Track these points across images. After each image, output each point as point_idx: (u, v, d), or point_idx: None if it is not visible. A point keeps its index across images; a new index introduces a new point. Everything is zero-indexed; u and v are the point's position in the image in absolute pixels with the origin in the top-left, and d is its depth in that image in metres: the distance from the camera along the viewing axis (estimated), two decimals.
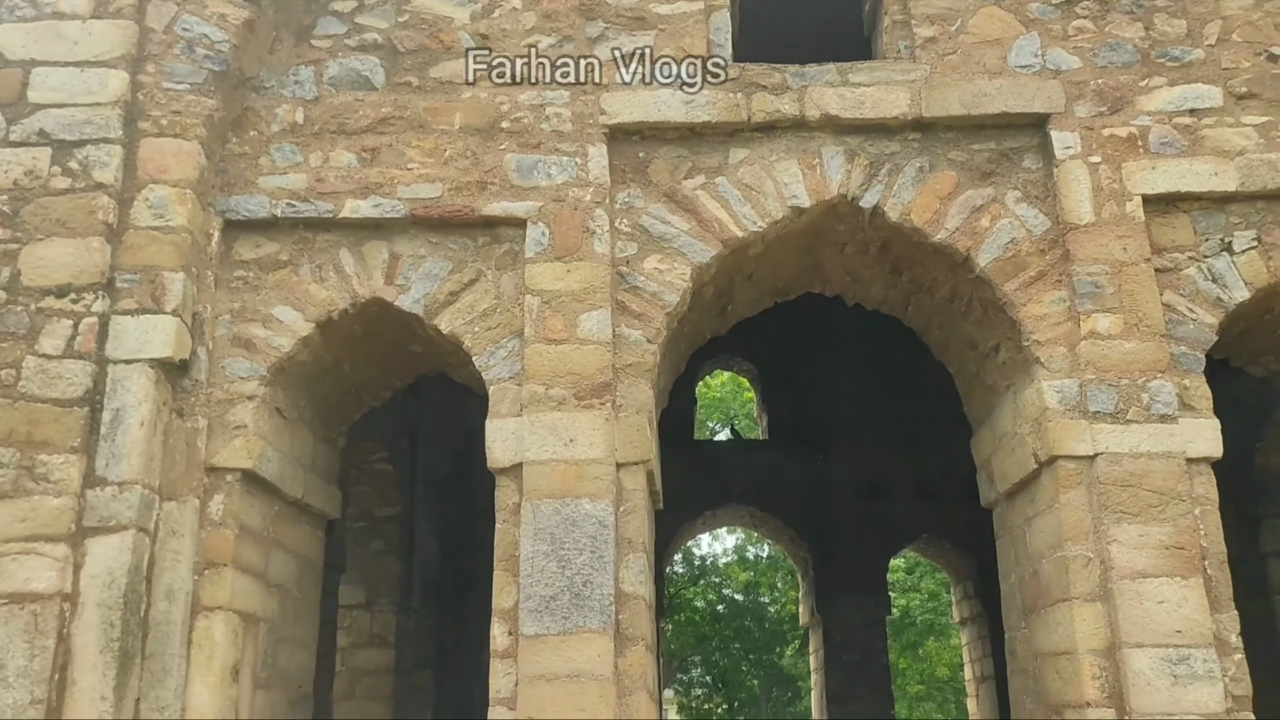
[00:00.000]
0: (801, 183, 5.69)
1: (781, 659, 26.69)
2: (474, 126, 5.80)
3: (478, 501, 8.85)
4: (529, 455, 5.25)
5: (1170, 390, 5.11)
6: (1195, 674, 4.70)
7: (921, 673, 26.04)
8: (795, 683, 26.37)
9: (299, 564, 6.19)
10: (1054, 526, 5.19)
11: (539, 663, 4.94)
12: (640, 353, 5.50)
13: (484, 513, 5.40)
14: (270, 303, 5.67)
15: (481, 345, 5.56)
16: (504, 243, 5.70)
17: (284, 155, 5.82)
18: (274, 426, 5.70)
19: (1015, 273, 5.46)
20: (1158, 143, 5.50)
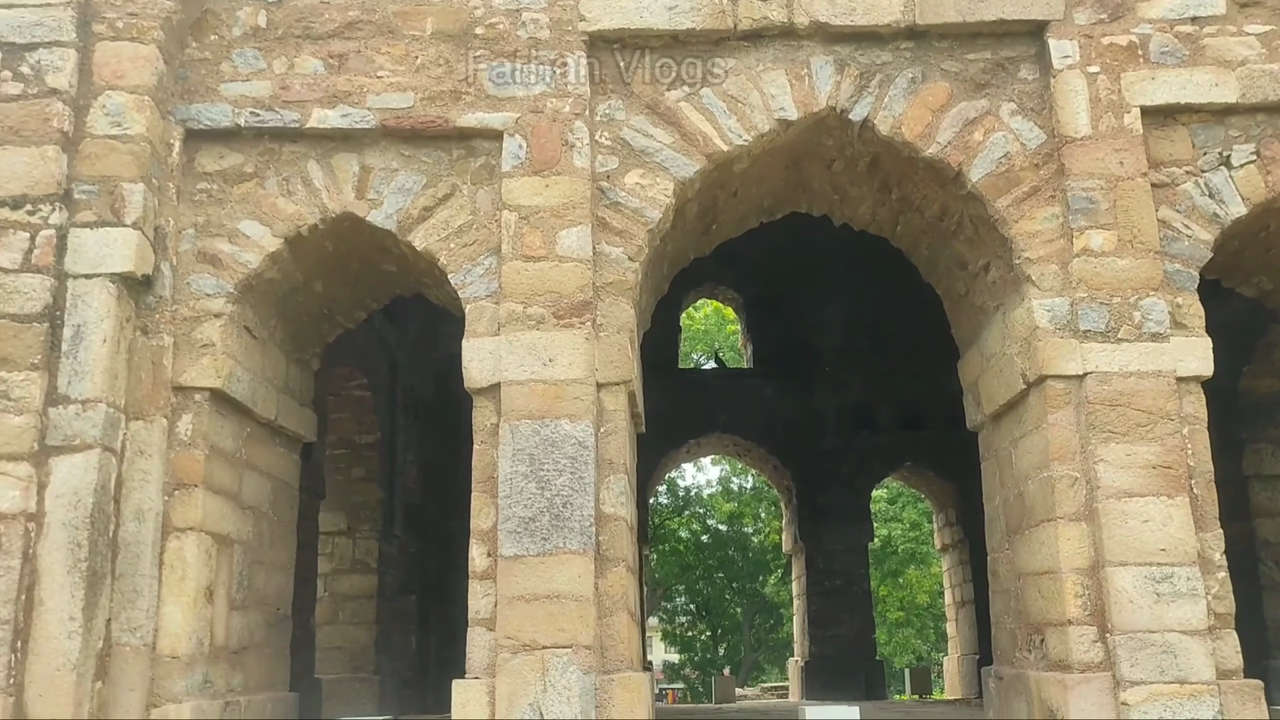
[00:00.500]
0: (789, 94, 5.47)
1: (764, 587, 27.09)
2: (446, 32, 5.54)
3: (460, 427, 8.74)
4: (507, 375, 5.11)
5: (1163, 308, 4.99)
6: (1178, 591, 4.68)
7: (902, 600, 26.51)
8: (778, 610, 26.81)
9: (274, 486, 6.07)
10: (1041, 447, 5.12)
11: (518, 583, 4.87)
12: (621, 271, 5.33)
13: (466, 439, 5.28)
14: (236, 217, 5.46)
15: (457, 263, 5.38)
16: (480, 156, 5.49)
17: (246, 61, 5.55)
18: (243, 346, 5.53)
19: (1008, 188, 5.30)
20: (1158, 52, 5.30)
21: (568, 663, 4.75)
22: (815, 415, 12.99)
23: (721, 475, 27.62)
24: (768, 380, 13.28)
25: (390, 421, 9.67)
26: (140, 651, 4.91)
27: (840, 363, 12.88)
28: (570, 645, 4.78)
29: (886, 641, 25.72)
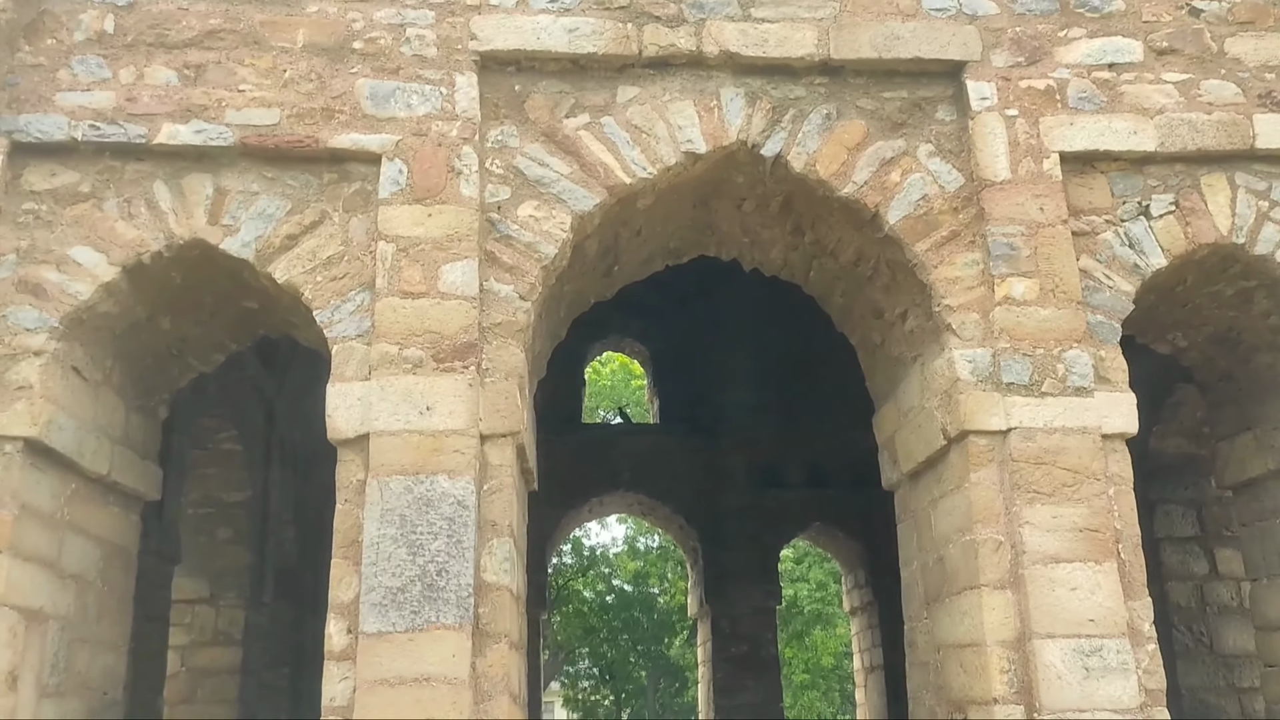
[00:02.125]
0: (698, 126, 5.10)
1: (670, 650, 26.41)
2: (320, 45, 5.02)
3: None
4: (377, 425, 4.53)
5: (1087, 361, 4.72)
6: (1108, 666, 4.32)
7: (807, 661, 26.12)
8: (683, 673, 26.14)
9: (104, 552, 5.28)
10: (963, 508, 4.75)
11: (382, 665, 4.24)
12: (511, 310, 4.82)
13: None
14: (67, 242, 4.78)
15: (325, 298, 4.80)
16: (354, 181, 4.94)
17: (88, 69, 4.93)
18: (69, 389, 4.80)
19: (927, 232, 4.99)
20: (1076, 97, 5.11)
21: None
22: (722, 472, 12.58)
23: (627, 534, 27.00)
24: (674, 437, 12.84)
25: (264, 477, 8.85)
26: None
27: (748, 419, 12.53)
28: None
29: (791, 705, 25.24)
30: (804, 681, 26.23)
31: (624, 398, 23.48)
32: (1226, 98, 5.14)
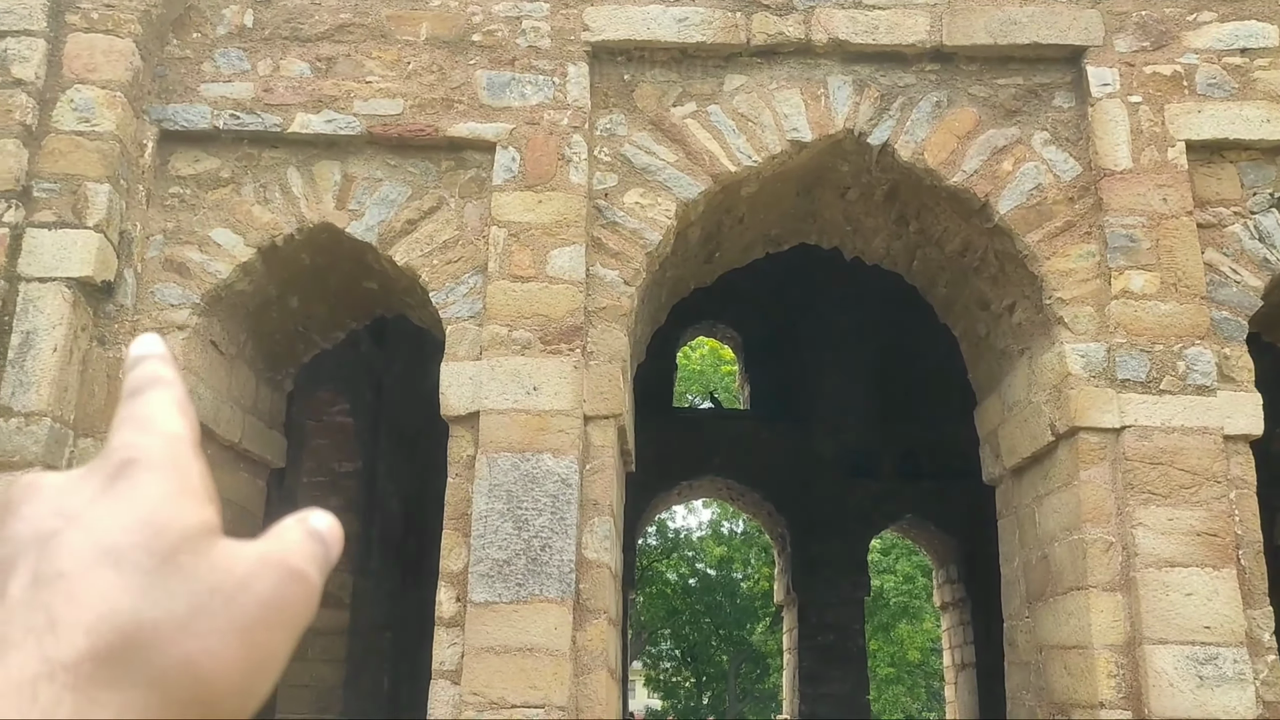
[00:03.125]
0: (804, 114, 5.10)
1: (752, 635, 26.40)
2: (442, 38, 5.19)
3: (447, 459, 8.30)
4: (487, 403, 4.69)
5: (1209, 359, 4.58)
6: (1224, 675, 4.21)
7: (892, 655, 25.82)
8: (765, 660, 26.12)
9: (235, 514, 5.61)
10: (1070, 506, 4.67)
11: (488, 633, 4.41)
12: (616, 295, 4.93)
13: None
14: (208, 224, 5.06)
15: (440, 280, 4.98)
16: (470, 168, 5.11)
17: (229, 61, 5.19)
18: (208, 362, 5.10)
19: (1039, 223, 4.91)
20: (1205, 84, 4.94)
21: None
22: (813, 461, 12.53)
23: (712, 518, 27.06)
24: (764, 423, 12.84)
25: (373, 450, 9.20)
26: None
27: (841, 407, 12.44)
28: (542, 705, 4.30)
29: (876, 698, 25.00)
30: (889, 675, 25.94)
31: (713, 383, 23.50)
32: None
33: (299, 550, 0.38)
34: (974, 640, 12.30)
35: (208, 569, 0.35)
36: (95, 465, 0.38)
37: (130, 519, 0.35)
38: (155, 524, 0.35)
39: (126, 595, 0.34)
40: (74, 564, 0.34)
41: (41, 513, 0.36)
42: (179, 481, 0.37)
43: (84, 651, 0.32)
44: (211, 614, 0.34)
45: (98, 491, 0.36)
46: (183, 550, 0.35)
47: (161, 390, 0.41)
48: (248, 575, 0.36)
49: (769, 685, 26.23)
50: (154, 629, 0.33)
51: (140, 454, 0.37)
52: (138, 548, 0.35)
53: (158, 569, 0.34)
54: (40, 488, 0.38)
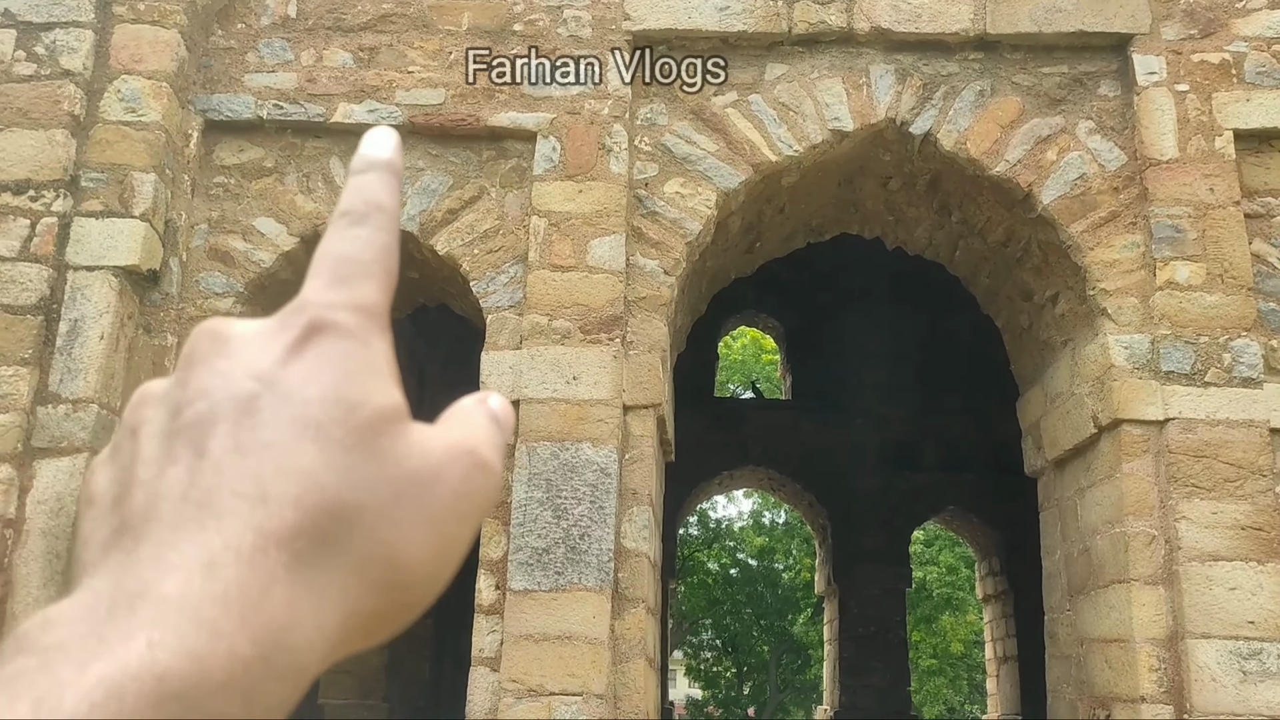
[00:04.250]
0: (845, 104, 5.07)
1: (793, 626, 26.36)
2: (483, 28, 5.23)
3: None
4: (526, 392, 4.73)
5: (1256, 351, 4.49)
6: (1268, 670, 4.14)
7: (935, 647, 25.62)
8: (806, 650, 26.06)
9: None
10: (1113, 499, 4.61)
11: (527, 621, 4.46)
12: (656, 285, 4.94)
13: None
14: (252, 213, 5.16)
15: (481, 269, 5.03)
16: (510, 158, 5.15)
17: (273, 52, 5.27)
18: None
19: (1083, 213, 4.84)
20: (1254, 72, 4.83)
21: (577, 712, 4.32)
22: (855, 452, 12.45)
23: (753, 508, 27.02)
24: (806, 414, 12.78)
25: None
26: None
27: (883, 398, 12.35)
28: (580, 693, 4.35)
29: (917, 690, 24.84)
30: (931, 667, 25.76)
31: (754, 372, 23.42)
32: None
33: (485, 439, 0.37)
34: (1016, 633, 12.18)
35: (404, 454, 0.34)
36: (284, 319, 0.36)
37: (325, 392, 0.34)
38: (349, 400, 0.34)
39: (330, 473, 0.33)
40: (278, 434, 0.33)
41: (235, 372, 0.34)
42: (367, 358, 0.35)
43: (294, 527, 0.31)
44: (408, 502, 0.34)
45: (287, 354, 0.35)
46: (379, 432, 0.34)
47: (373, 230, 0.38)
48: (440, 464, 0.35)
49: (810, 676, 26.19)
50: (357, 511, 0.33)
51: (331, 321, 0.35)
52: (336, 423, 0.33)
53: (356, 448, 0.33)
54: (228, 340, 0.36)
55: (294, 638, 0.30)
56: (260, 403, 0.33)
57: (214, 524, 0.31)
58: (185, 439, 0.33)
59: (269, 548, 0.31)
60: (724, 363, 21.36)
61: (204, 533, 0.31)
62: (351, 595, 0.32)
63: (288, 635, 0.30)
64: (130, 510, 0.32)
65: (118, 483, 0.34)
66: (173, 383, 0.36)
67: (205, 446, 0.33)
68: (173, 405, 0.35)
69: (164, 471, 0.33)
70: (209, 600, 0.29)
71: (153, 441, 0.34)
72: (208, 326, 0.37)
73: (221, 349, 0.36)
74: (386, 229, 0.39)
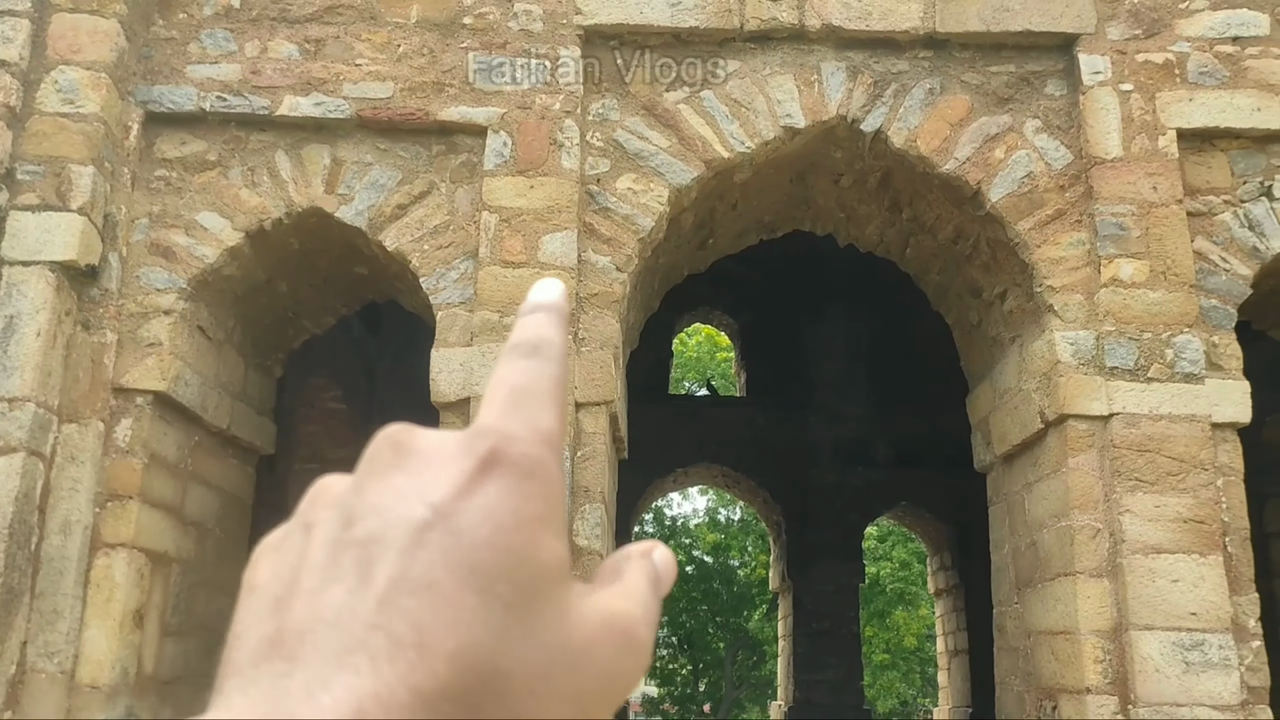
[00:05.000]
0: (797, 101, 5.08)
1: (748, 623, 26.50)
2: (432, 20, 5.15)
3: None
4: (478, 390, 4.68)
5: (1198, 347, 4.58)
6: (1209, 661, 4.22)
7: (888, 642, 25.92)
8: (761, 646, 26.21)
9: (223, 501, 5.60)
10: (1059, 493, 4.68)
11: None
12: (608, 282, 4.91)
13: None
14: (195, 207, 5.04)
15: (430, 265, 4.96)
16: (461, 153, 5.08)
17: (216, 42, 5.15)
18: (195, 347, 5.08)
19: (1030, 210, 4.90)
20: (1196, 72, 4.92)
21: None
22: (809, 448, 12.54)
23: (709, 505, 27.12)
24: (760, 410, 12.84)
25: (366, 437, 9.08)
26: (57, 679, 4.43)
27: (836, 395, 12.45)
28: None
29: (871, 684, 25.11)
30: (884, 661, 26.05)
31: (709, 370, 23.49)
32: None
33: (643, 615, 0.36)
34: (967, 627, 12.35)
35: (559, 621, 0.33)
36: (463, 443, 0.35)
37: (496, 537, 0.32)
38: (518, 552, 0.33)
39: (488, 632, 0.31)
40: (445, 576, 0.31)
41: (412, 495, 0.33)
42: (544, 504, 0.34)
43: (443, 685, 0.30)
44: (557, 677, 0.32)
45: (464, 485, 0.33)
46: (539, 593, 0.33)
47: (545, 361, 0.38)
48: (593, 640, 0.33)
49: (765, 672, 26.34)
50: (507, 679, 0.31)
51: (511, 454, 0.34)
52: (502, 577, 0.32)
53: (516, 607, 0.32)
54: (409, 454, 0.35)
55: None
56: (431, 535, 0.32)
57: (368, 667, 0.29)
58: (353, 556, 0.32)
59: (417, 707, 0.29)
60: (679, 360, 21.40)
61: (357, 676, 0.29)
62: None
63: None
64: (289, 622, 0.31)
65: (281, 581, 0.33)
66: (349, 486, 0.35)
67: (370, 571, 0.32)
68: (346, 513, 0.34)
69: (327, 589, 0.32)
70: None
71: (322, 549, 0.33)
72: (392, 433, 0.36)
73: (401, 462, 0.35)
74: (558, 361, 0.39)
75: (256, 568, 0.35)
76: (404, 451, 0.35)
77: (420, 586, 0.31)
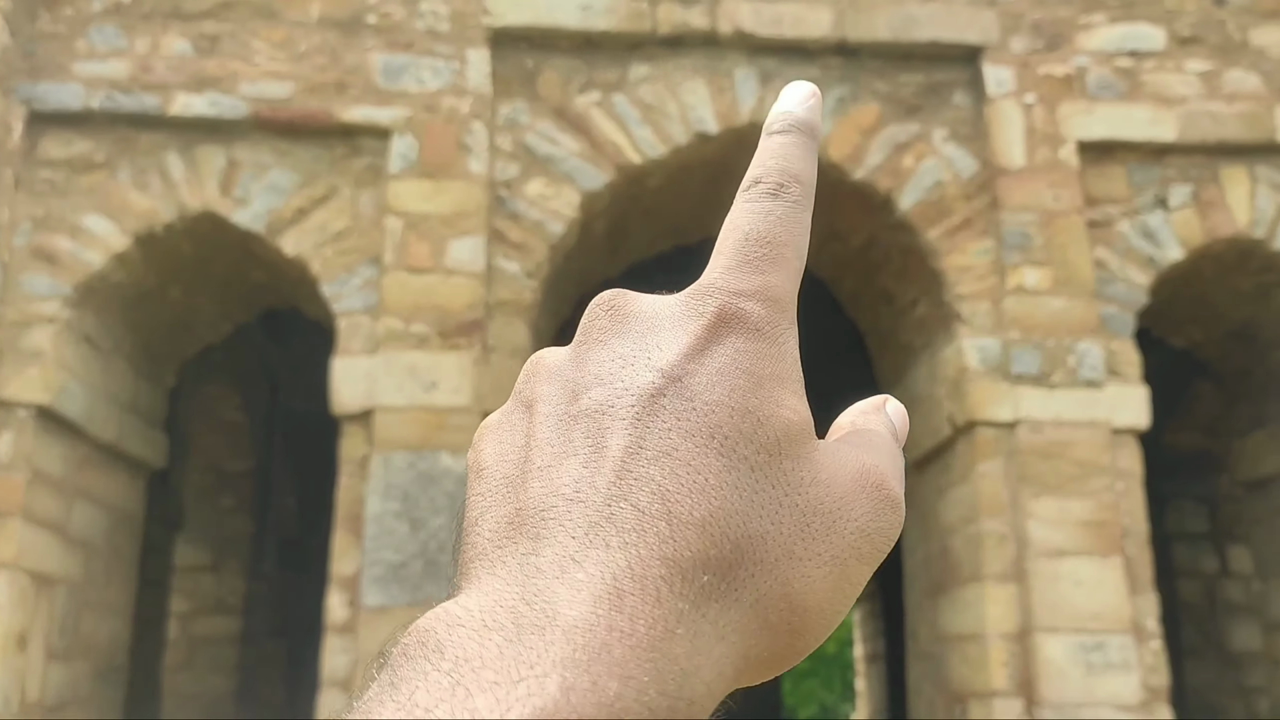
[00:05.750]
0: (709, 106, 5.05)
1: None
2: (334, 18, 4.99)
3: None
4: (382, 400, 4.52)
5: (1098, 353, 4.67)
6: (1110, 662, 4.29)
7: None
8: None
9: (111, 518, 5.32)
10: (968, 499, 4.72)
11: (382, 638, 4.25)
12: (518, 288, 4.81)
13: None
14: (81, 211, 4.78)
15: (332, 271, 4.79)
16: (364, 155, 4.92)
17: (105, 39, 4.91)
18: (81, 357, 4.81)
19: (939, 218, 4.94)
20: (1096, 85, 5.04)
21: None
22: None
23: None
24: None
25: (267, 447, 8.87)
26: None
27: None
28: None
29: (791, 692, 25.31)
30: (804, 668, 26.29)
31: None
32: (1249, 89, 5.06)
33: (892, 468, 0.34)
34: (885, 632, 12.49)
35: (810, 481, 0.31)
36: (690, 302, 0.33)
37: (733, 399, 0.31)
38: (757, 412, 0.31)
39: (737, 495, 0.29)
40: (683, 442, 0.30)
41: (638, 361, 0.32)
42: (777, 363, 0.32)
43: (699, 554, 0.28)
44: (813, 537, 0.30)
45: (692, 347, 0.32)
46: (785, 453, 0.31)
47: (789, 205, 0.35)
48: (847, 496, 0.32)
49: None
50: (762, 543, 0.29)
51: (741, 313, 0.32)
52: (744, 439, 0.30)
53: (763, 469, 0.30)
54: (627, 318, 0.33)
55: (695, 685, 0.27)
56: (663, 401, 0.31)
57: (617, 540, 0.28)
58: (583, 428, 0.31)
59: (674, 579, 0.28)
60: None
61: (608, 550, 0.28)
62: (749, 638, 0.29)
63: (690, 682, 0.27)
64: (527, 499, 0.30)
65: (509, 460, 0.32)
66: (568, 358, 0.34)
67: (605, 442, 0.30)
68: (569, 385, 0.32)
69: (561, 463, 0.30)
70: (619, 637, 0.26)
71: (549, 424, 0.32)
72: (608, 299, 0.35)
73: (622, 328, 0.33)
74: (803, 204, 0.36)
75: (480, 450, 0.33)
76: (623, 317, 0.34)
77: (660, 454, 0.30)
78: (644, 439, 0.30)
